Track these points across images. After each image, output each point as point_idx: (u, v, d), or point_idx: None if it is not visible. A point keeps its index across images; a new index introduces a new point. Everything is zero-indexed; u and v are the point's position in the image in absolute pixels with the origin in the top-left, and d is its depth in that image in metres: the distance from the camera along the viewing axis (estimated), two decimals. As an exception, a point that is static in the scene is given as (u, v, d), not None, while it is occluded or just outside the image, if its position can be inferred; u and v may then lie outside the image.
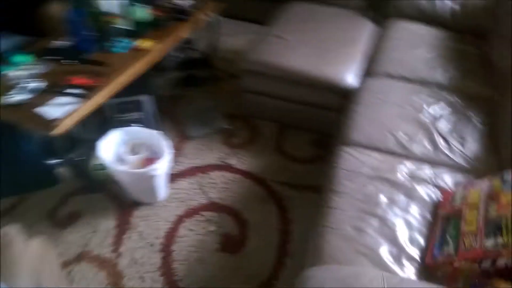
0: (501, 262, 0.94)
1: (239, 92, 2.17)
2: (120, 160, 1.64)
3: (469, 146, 1.50)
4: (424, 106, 1.66)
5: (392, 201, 1.26)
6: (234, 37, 2.84)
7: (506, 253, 0.92)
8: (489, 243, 0.97)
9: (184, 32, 2.01)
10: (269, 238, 1.61)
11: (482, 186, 1.16)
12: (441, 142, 1.51)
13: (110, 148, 1.66)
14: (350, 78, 1.89)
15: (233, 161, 1.96)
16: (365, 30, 2.20)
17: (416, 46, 2.02)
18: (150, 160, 1.66)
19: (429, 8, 2.21)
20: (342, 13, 2.30)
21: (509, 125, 1.50)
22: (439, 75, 1.84)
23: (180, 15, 2.04)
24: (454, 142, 1.51)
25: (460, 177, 1.38)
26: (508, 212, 1.00)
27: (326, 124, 2.05)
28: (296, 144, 2.07)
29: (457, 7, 2.16)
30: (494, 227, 0.99)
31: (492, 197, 1.09)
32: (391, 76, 1.86)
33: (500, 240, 0.95)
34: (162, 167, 1.60)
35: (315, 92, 1.94)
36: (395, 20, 2.24)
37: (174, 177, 1.84)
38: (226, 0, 2.72)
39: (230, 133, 2.12)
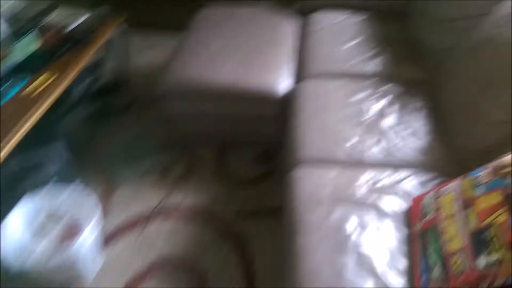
0: (500, 281, 0.84)
1: (165, 117, 1.92)
2: (33, 242, 1.32)
3: (420, 138, 1.42)
4: (366, 103, 1.56)
5: (362, 225, 1.13)
6: (147, 52, 2.57)
7: (503, 272, 0.83)
8: (482, 262, 0.86)
9: (86, 57, 1.71)
10: (233, 285, 1.42)
11: (452, 190, 1.06)
12: (392, 140, 1.41)
13: (16, 230, 1.34)
14: (284, 84, 1.73)
15: (175, 200, 1.72)
16: (289, 27, 2.06)
17: (341, 36, 1.92)
18: (72, 229, 1.36)
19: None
20: (262, 11, 2.14)
21: (453, 109, 1.45)
22: (372, 64, 1.76)
23: (78, 38, 1.75)
24: (406, 138, 1.42)
25: (421, 176, 1.29)
26: (491, 220, 0.90)
27: (267, 135, 1.89)
28: (240, 164, 1.88)
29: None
30: (481, 241, 0.90)
31: (466, 203, 1.00)
32: (325, 75, 1.73)
33: (493, 256, 0.85)
34: (89, 236, 1.32)
35: (249, 104, 1.76)
36: (313, 12, 2.11)
37: (107, 239, 1.55)
38: (130, 8, 2.43)
39: (164, 167, 1.87)
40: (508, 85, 1.22)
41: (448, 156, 1.37)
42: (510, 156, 0.97)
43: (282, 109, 1.71)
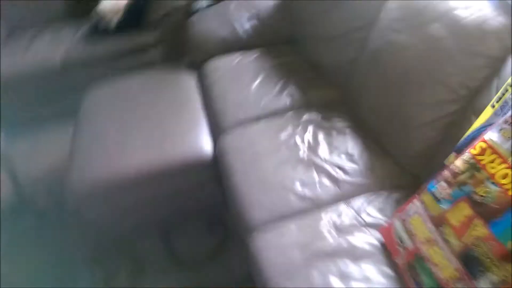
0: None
1: (85, 224, 1.67)
2: None
3: (358, 159, 1.39)
4: (294, 139, 1.49)
5: (345, 278, 1.04)
6: (38, 153, 2.24)
7: (510, 289, 0.79)
8: (484, 285, 0.82)
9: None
10: None
11: (416, 212, 1.02)
12: (334, 170, 1.36)
13: None
14: (206, 143, 1.61)
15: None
16: (187, 84, 1.94)
17: (243, 79, 1.84)
18: None
19: (230, 34, 2.07)
20: (153, 77, 1.99)
21: (377, 120, 1.46)
22: (284, 98, 1.71)
23: None
24: (345, 164, 1.38)
25: (375, 200, 1.25)
26: (471, 235, 0.87)
27: (209, 201, 1.74)
28: (191, 243, 1.70)
29: (255, 22, 2.08)
30: (472, 261, 0.85)
31: (437, 221, 0.96)
32: (242, 122, 1.63)
33: (492, 277, 0.81)
34: None
35: (177, 178, 1.60)
36: (205, 62, 2.01)
37: None
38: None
39: (105, 280, 1.60)
40: (421, 85, 1.25)
41: (392, 169, 1.36)
42: (457, 161, 0.95)
43: (214, 170, 1.59)
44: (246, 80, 1.83)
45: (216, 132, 1.68)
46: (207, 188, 1.66)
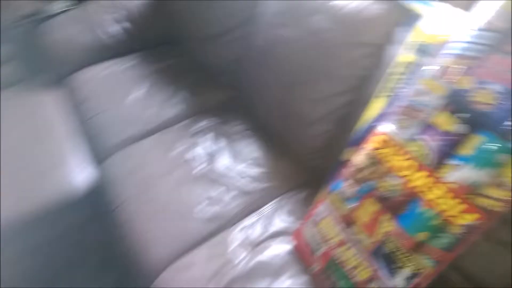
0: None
1: None
2: None
3: (262, 162, 1.32)
4: (191, 152, 1.35)
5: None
6: None
7: (425, 278, 0.78)
8: (400, 281, 0.80)
9: None
10: None
11: (327, 214, 0.98)
12: (239, 181, 1.26)
13: None
14: (80, 177, 1.39)
15: None
16: (51, 104, 1.63)
17: (121, 89, 1.61)
18: None
19: (95, 41, 1.78)
20: (6, 98, 1.63)
21: (273, 118, 1.40)
22: (173, 106, 1.55)
23: None
24: (249, 171, 1.29)
25: (283, 203, 1.20)
26: (380, 232, 0.84)
27: (96, 239, 1.49)
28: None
29: (126, 24, 1.84)
30: (386, 258, 0.83)
31: (346, 220, 0.92)
32: (128, 142, 1.43)
33: (406, 271, 0.79)
34: None
35: (46, 223, 1.36)
36: (72, 75, 1.72)
37: None
38: None
39: None
40: (310, 79, 1.21)
41: (295, 168, 1.31)
42: (357, 156, 0.92)
43: (99, 203, 1.36)
44: (124, 91, 1.60)
45: (97, 157, 1.44)
46: (92, 225, 1.43)
